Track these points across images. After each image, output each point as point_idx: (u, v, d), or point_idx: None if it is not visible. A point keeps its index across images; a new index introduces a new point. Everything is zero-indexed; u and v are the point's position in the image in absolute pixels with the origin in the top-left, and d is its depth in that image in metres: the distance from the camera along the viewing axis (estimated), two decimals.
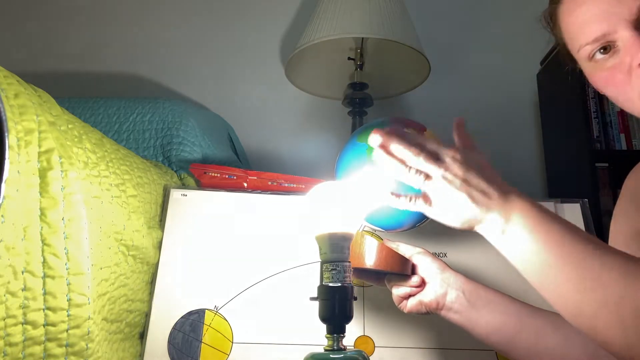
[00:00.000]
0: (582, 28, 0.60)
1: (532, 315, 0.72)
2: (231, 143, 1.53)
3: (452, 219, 0.57)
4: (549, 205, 0.97)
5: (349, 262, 0.64)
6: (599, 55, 0.59)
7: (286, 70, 1.51)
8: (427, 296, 0.74)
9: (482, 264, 0.92)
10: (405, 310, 0.75)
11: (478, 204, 0.55)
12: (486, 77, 1.80)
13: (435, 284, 0.74)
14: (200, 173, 1.09)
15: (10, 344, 0.53)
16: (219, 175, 1.09)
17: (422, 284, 0.73)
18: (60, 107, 0.67)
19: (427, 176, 0.57)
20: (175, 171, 1.14)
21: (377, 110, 1.61)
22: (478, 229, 0.57)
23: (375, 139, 0.60)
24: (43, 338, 0.56)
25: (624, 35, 0.56)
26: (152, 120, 1.29)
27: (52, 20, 1.92)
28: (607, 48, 0.59)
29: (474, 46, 1.82)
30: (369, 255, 0.72)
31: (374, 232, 0.74)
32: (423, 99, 1.75)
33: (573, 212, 0.96)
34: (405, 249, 0.77)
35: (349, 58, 1.53)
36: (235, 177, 1.09)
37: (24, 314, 0.54)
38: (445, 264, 0.75)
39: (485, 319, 0.72)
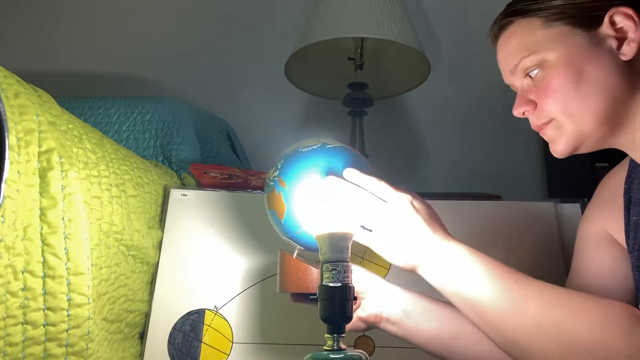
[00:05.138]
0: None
1: (468, 320, 0.72)
2: (231, 143, 1.53)
3: (395, 255, 0.63)
4: (549, 205, 0.97)
5: (349, 262, 0.64)
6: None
7: (286, 70, 1.51)
8: (364, 311, 0.73)
9: None
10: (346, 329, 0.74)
11: (420, 246, 0.62)
12: (486, 77, 1.79)
13: (371, 297, 0.73)
14: (200, 173, 1.09)
15: (10, 344, 0.53)
16: (219, 175, 1.09)
17: (357, 299, 0.72)
18: (60, 107, 0.67)
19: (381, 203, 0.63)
20: (175, 171, 1.14)
21: (377, 110, 1.61)
22: (420, 271, 0.63)
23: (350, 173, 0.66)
24: (43, 338, 0.56)
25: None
26: (152, 120, 1.29)
27: (52, 20, 1.92)
28: None
29: (474, 46, 1.82)
30: (310, 278, 0.71)
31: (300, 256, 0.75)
32: (423, 99, 1.75)
33: (573, 212, 0.96)
34: None
35: (349, 58, 1.53)
36: (235, 177, 1.09)
37: (24, 314, 0.54)
38: (378, 277, 0.75)
39: (422, 327, 0.72)
